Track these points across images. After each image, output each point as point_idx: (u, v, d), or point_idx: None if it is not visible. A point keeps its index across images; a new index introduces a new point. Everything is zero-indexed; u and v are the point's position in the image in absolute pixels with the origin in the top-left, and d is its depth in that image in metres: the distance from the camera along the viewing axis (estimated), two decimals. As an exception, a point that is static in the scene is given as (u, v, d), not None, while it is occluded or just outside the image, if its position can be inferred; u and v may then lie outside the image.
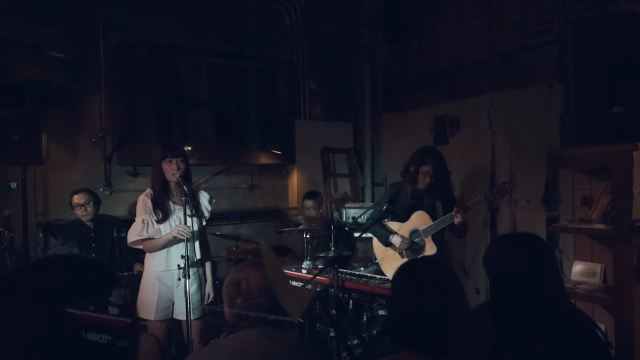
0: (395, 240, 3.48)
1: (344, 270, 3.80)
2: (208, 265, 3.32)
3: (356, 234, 4.22)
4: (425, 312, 1.47)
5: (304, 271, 3.81)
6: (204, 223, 3.25)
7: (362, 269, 4.15)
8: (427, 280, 1.55)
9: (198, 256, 3.13)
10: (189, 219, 2.99)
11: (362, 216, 4.47)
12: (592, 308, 3.05)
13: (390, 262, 3.56)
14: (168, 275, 3.11)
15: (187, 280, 2.91)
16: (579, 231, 3.16)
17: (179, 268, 2.96)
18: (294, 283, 3.71)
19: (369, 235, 3.65)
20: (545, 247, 1.83)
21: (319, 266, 3.83)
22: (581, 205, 3.23)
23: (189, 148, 4.73)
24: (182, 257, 2.92)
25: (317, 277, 3.51)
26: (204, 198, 3.25)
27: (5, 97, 3.94)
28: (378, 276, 3.65)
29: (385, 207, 3.47)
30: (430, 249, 3.40)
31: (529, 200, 4.14)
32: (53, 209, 4.53)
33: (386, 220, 3.60)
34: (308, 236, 3.92)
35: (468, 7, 4.87)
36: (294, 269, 3.87)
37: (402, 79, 5.60)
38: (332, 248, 3.94)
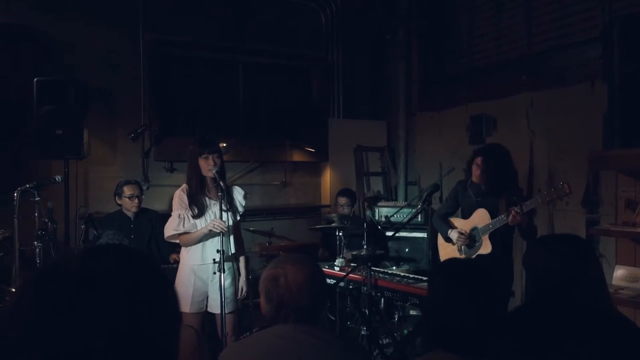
0: (453, 235, 3.46)
1: (377, 269, 3.78)
2: (242, 259, 3.36)
3: (389, 233, 4.19)
4: (460, 313, 1.45)
5: (336, 269, 3.81)
6: (238, 218, 3.29)
7: (394, 267, 4.13)
8: (463, 280, 1.53)
9: (233, 250, 3.17)
10: (224, 214, 3.03)
11: (395, 215, 4.44)
12: (634, 314, 2.95)
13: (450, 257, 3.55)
14: (203, 269, 3.16)
15: (222, 274, 2.95)
16: (622, 235, 3.07)
17: (214, 262, 3.00)
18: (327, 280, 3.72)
19: (403, 234, 3.62)
20: (589, 248, 1.78)
21: (352, 264, 3.83)
22: (624, 208, 3.13)
23: (224, 145, 4.79)
24: (218, 251, 2.97)
25: (350, 275, 3.51)
26: (238, 193, 3.28)
27: (51, 94, 4.09)
28: (411, 275, 3.62)
29: (434, 184, 3.46)
30: (485, 248, 3.32)
31: (567, 202, 4.02)
32: (93, 201, 4.67)
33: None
34: (341, 234, 3.91)
35: (505, 3, 4.76)
36: (327, 266, 3.88)
37: (437, 78, 5.53)
38: (365, 246, 3.93)
